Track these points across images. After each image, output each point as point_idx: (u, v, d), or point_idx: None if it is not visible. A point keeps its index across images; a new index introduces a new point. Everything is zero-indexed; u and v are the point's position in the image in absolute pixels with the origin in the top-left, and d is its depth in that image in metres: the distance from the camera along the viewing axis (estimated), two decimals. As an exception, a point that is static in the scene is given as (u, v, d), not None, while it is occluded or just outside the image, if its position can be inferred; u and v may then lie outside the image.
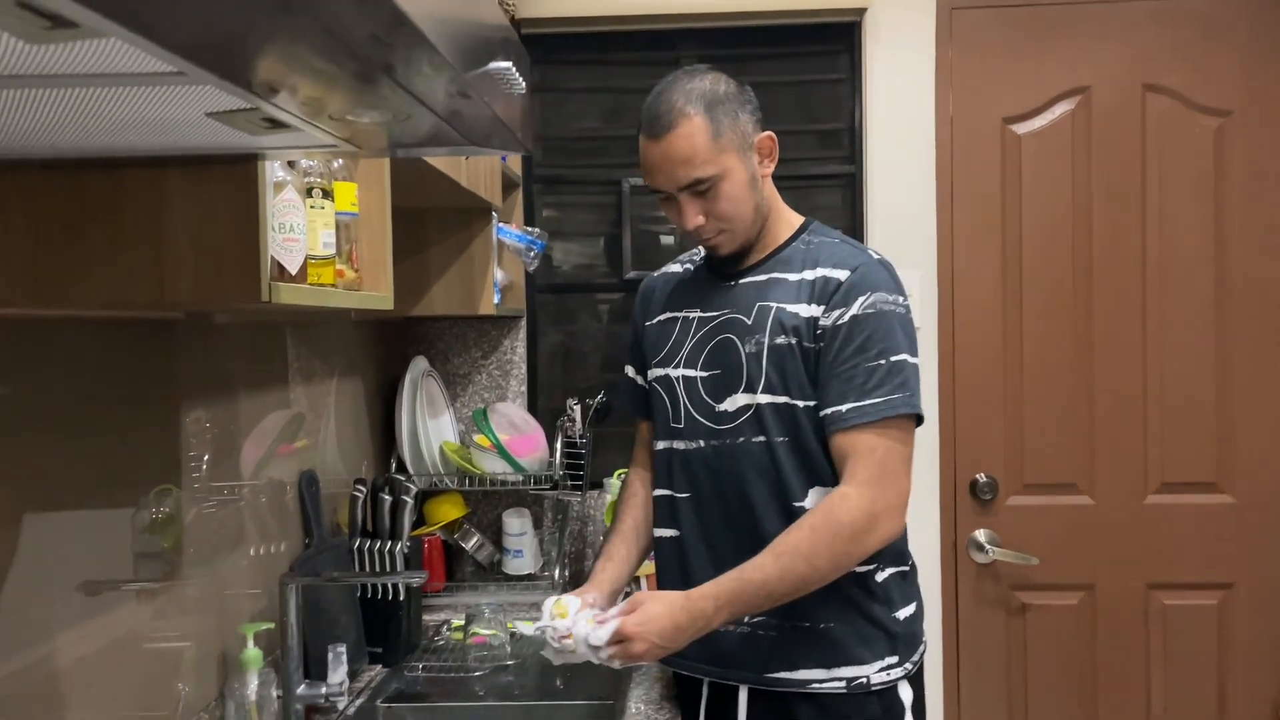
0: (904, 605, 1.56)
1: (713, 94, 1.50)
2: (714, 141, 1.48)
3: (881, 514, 1.42)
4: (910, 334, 1.49)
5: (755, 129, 1.54)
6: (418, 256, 2.23)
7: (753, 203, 1.53)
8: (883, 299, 1.47)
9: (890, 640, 1.52)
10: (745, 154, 1.51)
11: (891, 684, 1.53)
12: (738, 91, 1.54)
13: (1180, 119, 2.57)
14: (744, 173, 1.51)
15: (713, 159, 1.48)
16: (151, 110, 0.71)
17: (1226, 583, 2.60)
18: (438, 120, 0.78)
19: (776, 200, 1.62)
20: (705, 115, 1.48)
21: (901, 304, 1.49)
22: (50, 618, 1.17)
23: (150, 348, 1.37)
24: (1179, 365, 2.58)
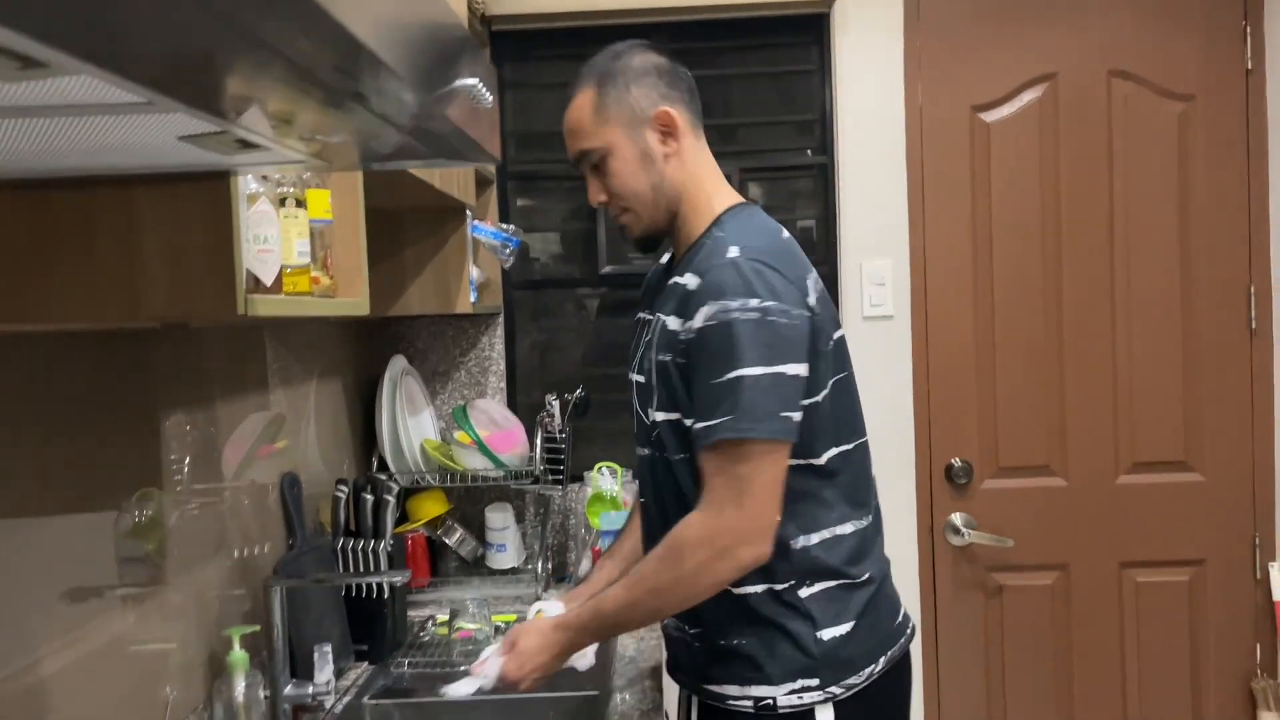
0: (833, 625, 1.40)
1: (611, 67, 1.45)
2: (596, 114, 1.44)
3: (726, 543, 1.32)
4: (761, 339, 1.30)
5: (652, 104, 1.43)
6: (394, 257, 2.24)
7: (647, 181, 1.44)
8: (724, 308, 1.31)
9: (808, 661, 1.39)
10: (634, 129, 1.43)
11: (804, 708, 1.39)
12: (643, 66, 1.45)
13: (1145, 104, 2.61)
14: (631, 149, 1.44)
15: (595, 132, 1.44)
16: (122, 135, 0.72)
17: (1197, 559, 2.66)
18: (405, 137, 0.80)
19: (695, 186, 1.47)
20: (595, 88, 1.45)
21: (752, 306, 1.30)
22: (35, 624, 1.18)
23: (127, 355, 1.38)
24: (1147, 347, 2.63)
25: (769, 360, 1.30)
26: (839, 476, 1.43)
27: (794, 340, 1.32)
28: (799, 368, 1.33)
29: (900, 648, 1.49)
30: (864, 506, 1.47)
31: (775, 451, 1.32)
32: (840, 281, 2.66)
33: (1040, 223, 2.63)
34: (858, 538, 1.44)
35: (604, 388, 2.64)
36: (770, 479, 1.33)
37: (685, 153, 1.46)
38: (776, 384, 1.30)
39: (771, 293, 1.31)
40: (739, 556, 1.33)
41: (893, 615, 1.50)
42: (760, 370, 1.29)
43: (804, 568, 1.40)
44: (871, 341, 2.63)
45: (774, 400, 1.30)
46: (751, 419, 1.29)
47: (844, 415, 1.44)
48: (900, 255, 2.64)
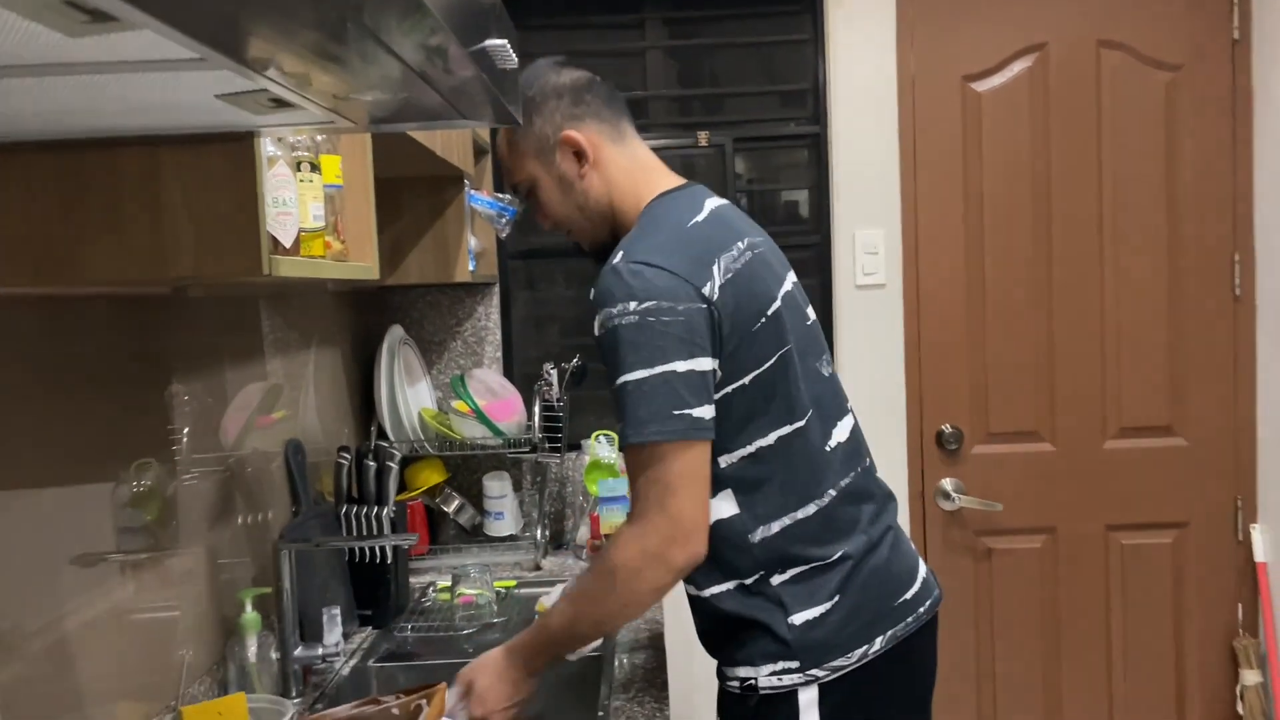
0: (805, 608, 1.37)
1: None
2: (512, 152, 1.48)
3: (655, 549, 1.30)
4: (641, 341, 1.27)
5: (557, 129, 1.44)
6: (392, 226, 2.25)
7: (571, 204, 1.46)
8: (607, 316, 1.29)
9: (783, 646, 1.37)
10: (545, 158, 1.45)
11: (785, 689, 1.37)
12: (544, 89, 1.45)
13: (1133, 73, 2.64)
14: (548, 178, 1.46)
15: (516, 168, 1.49)
16: (165, 94, 0.74)
17: (1181, 522, 2.71)
18: (439, 97, 0.82)
19: (622, 193, 1.46)
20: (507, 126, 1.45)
21: (631, 310, 1.27)
22: (59, 587, 1.20)
23: (125, 324, 1.38)
24: (1133, 315, 2.67)
25: (652, 361, 1.27)
26: (787, 460, 1.38)
27: (682, 336, 1.28)
28: (694, 362, 1.29)
29: (908, 626, 1.43)
30: (822, 485, 1.40)
31: (681, 450, 1.29)
32: (833, 250, 2.68)
33: (1030, 191, 2.66)
34: (821, 518, 1.39)
35: (600, 357, 2.65)
36: (685, 477, 1.29)
37: (604, 165, 1.46)
38: (665, 384, 1.27)
39: (650, 293, 1.28)
40: (671, 560, 1.30)
41: (891, 592, 1.43)
42: (644, 373, 1.27)
43: (769, 558, 1.38)
44: (864, 310, 2.66)
45: (660, 402, 1.27)
46: (641, 423, 1.28)
47: (785, 396, 1.38)
48: (892, 224, 2.66)
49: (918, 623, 1.45)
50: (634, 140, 1.50)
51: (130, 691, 1.35)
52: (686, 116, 2.75)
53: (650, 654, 1.85)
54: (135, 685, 1.37)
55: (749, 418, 1.36)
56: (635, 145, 1.49)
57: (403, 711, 1.26)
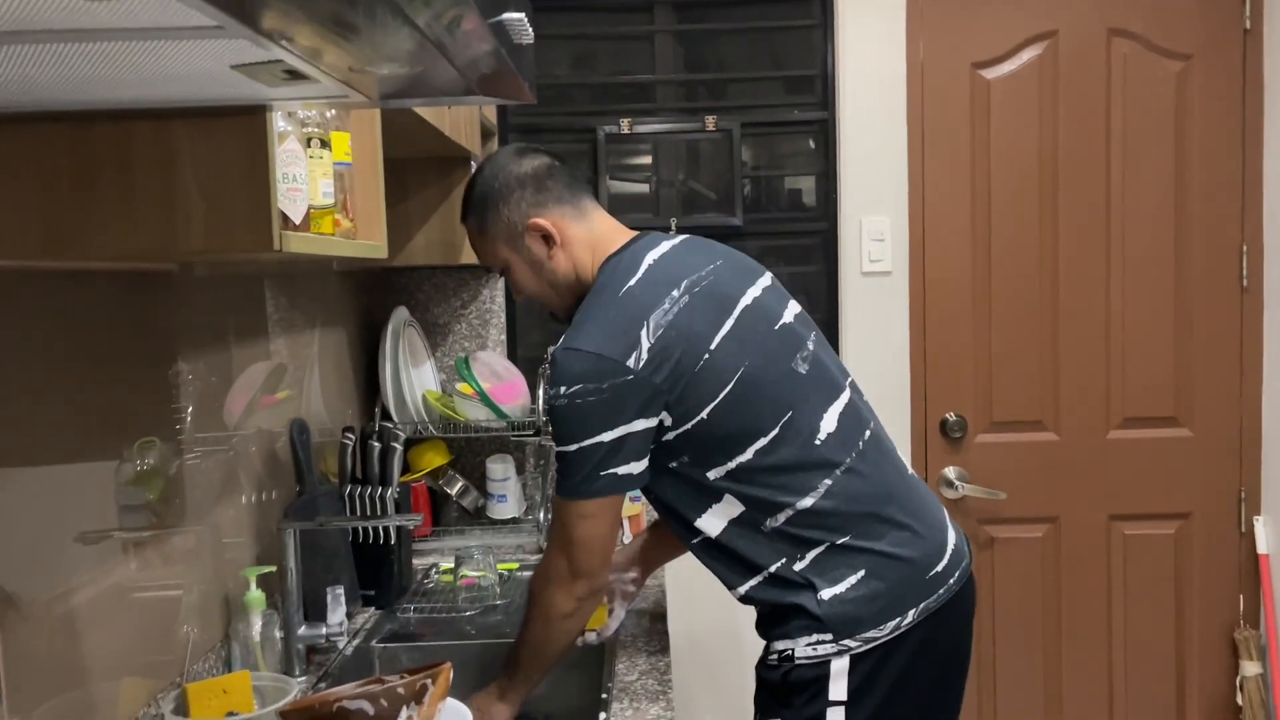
0: (832, 584, 1.44)
1: (483, 191, 1.56)
2: (482, 238, 1.58)
3: (555, 579, 1.50)
4: (569, 422, 1.42)
5: (523, 218, 1.53)
6: (398, 206, 2.24)
7: (544, 282, 1.57)
8: (550, 396, 1.46)
9: (814, 620, 1.44)
10: (515, 244, 1.55)
11: (819, 660, 1.45)
12: (508, 179, 1.54)
13: (1144, 63, 2.63)
14: (520, 260, 1.56)
15: (489, 252, 1.58)
16: (179, 64, 0.73)
17: (1184, 513, 2.71)
18: (454, 70, 0.81)
19: (585, 266, 1.55)
20: (475, 215, 1.57)
21: (561, 394, 1.42)
22: (56, 568, 1.20)
23: (130, 301, 1.37)
24: (1139, 304, 2.66)
25: (578, 437, 1.42)
26: (771, 466, 1.45)
27: (607, 412, 1.41)
28: (621, 428, 1.41)
29: (940, 598, 1.47)
30: (815, 477, 1.46)
31: (597, 505, 1.46)
32: (840, 237, 2.67)
33: (1038, 180, 2.65)
34: (823, 505, 1.45)
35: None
36: (591, 531, 1.47)
37: (569, 244, 1.55)
38: (590, 453, 1.42)
39: (575, 378, 1.41)
40: (572, 591, 1.49)
41: (923, 564, 1.48)
42: (573, 447, 1.43)
43: (785, 545, 1.46)
44: (869, 297, 2.65)
45: (590, 467, 1.43)
46: (567, 486, 1.45)
47: (749, 414, 1.45)
48: (899, 212, 2.65)
49: (948, 594, 1.49)
50: (594, 213, 1.59)
51: (135, 668, 1.35)
52: (693, 101, 2.74)
53: (652, 637, 1.85)
54: (140, 662, 1.37)
55: (721, 441, 1.46)
56: (595, 218, 1.58)
57: (408, 691, 1.27)
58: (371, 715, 1.24)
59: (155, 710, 1.35)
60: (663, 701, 1.56)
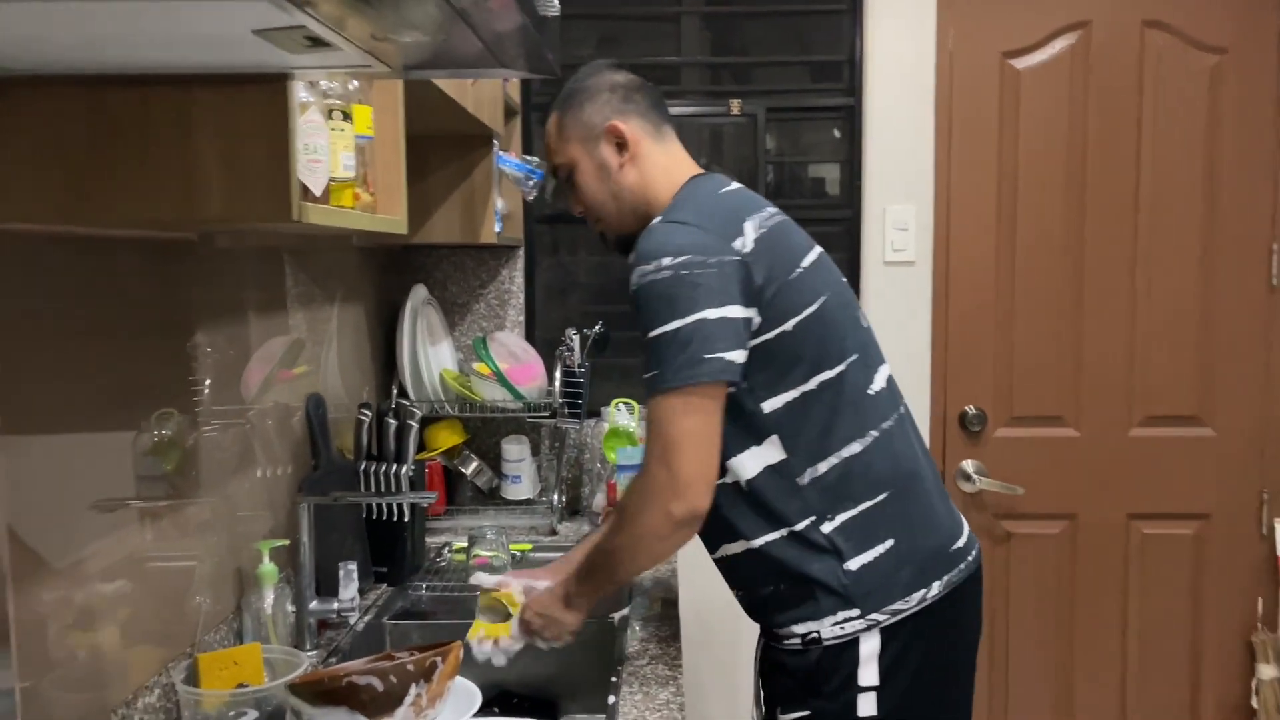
0: (858, 553, 1.41)
1: (570, 90, 1.57)
2: (559, 134, 1.57)
3: (652, 495, 1.36)
4: (674, 294, 1.34)
5: (604, 120, 1.53)
6: (419, 184, 2.23)
7: (607, 192, 1.55)
8: (640, 274, 1.37)
9: (838, 596, 1.41)
10: (589, 145, 1.54)
11: (848, 638, 1.42)
12: (599, 85, 1.55)
13: (1178, 55, 2.59)
14: (589, 163, 1.55)
15: (560, 150, 1.57)
16: (200, 25, 0.72)
17: (1204, 513, 2.68)
18: (477, 40, 0.80)
19: (657, 188, 1.53)
20: (558, 111, 1.57)
21: (664, 265, 1.34)
22: (72, 536, 1.20)
23: (150, 271, 1.36)
24: (1165, 301, 2.63)
25: (685, 311, 1.33)
26: (830, 403, 1.42)
27: (712, 287, 1.34)
28: (725, 310, 1.34)
29: (961, 573, 1.47)
30: (865, 425, 1.44)
31: (700, 397, 1.34)
32: (863, 226, 2.65)
33: (1066, 172, 2.62)
34: (867, 456, 1.43)
35: (623, 324, 2.64)
36: (695, 429, 1.35)
37: (642, 159, 1.54)
38: (698, 330, 1.33)
39: (683, 248, 1.35)
40: (671, 512, 1.35)
41: (946, 537, 1.48)
42: (677, 323, 1.33)
43: (819, 501, 1.42)
44: (891, 286, 2.63)
45: (693, 347, 1.33)
46: (669, 370, 1.33)
47: (823, 341, 1.43)
48: (924, 201, 2.63)
49: (968, 570, 1.50)
50: (672, 142, 1.59)
51: (148, 636, 1.35)
52: (718, 85, 2.72)
53: (664, 622, 1.84)
54: (152, 631, 1.37)
55: (792, 363, 1.41)
56: (672, 146, 1.58)
57: (418, 668, 1.26)
58: (380, 691, 1.24)
59: (166, 679, 1.36)
60: (673, 686, 1.55)
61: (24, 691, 1.08)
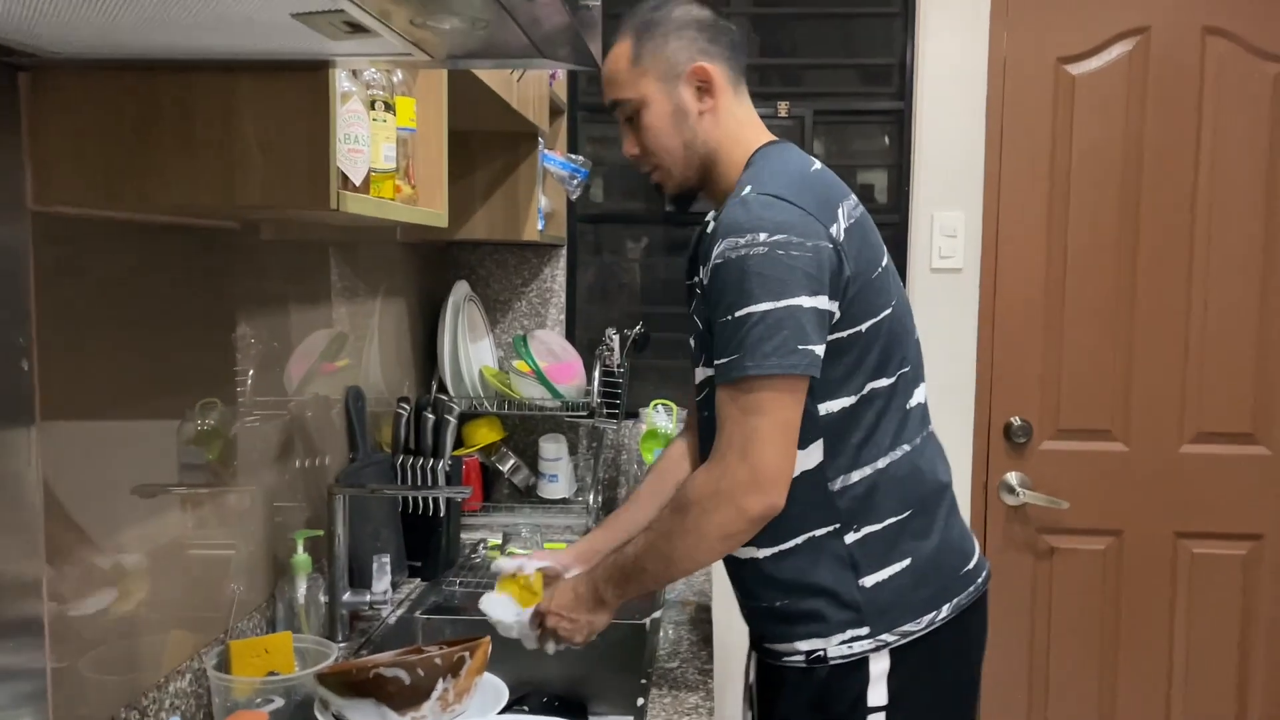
0: (876, 569, 1.37)
1: (650, 18, 1.42)
2: (633, 66, 1.41)
3: (731, 492, 1.27)
4: (769, 274, 1.25)
5: (689, 59, 1.40)
6: (463, 180, 2.24)
7: (679, 138, 1.41)
8: (731, 245, 1.27)
9: (851, 611, 1.37)
10: (669, 83, 1.40)
11: (856, 658, 1.37)
12: (684, 18, 1.41)
13: (1240, 64, 2.52)
14: (665, 103, 1.40)
15: (630, 83, 1.41)
16: (239, 7, 0.72)
17: (1256, 534, 2.61)
18: (517, 28, 0.79)
19: (731, 142, 1.43)
20: (632, 38, 1.41)
21: (760, 241, 1.25)
22: (114, 520, 1.21)
23: (196, 262, 1.38)
24: (1221, 316, 2.56)
25: (779, 294, 1.25)
26: (875, 413, 1.37)
27: (809, 273, 1.26)
28: (816, 300, 1.27)
29: (970, 595, 1.44)
30: (900, 440, 1.40)
31: (786, 389, 1.27)
32: (910, 231, 2.61)
33: (1120, 180, 2.56)
34: (897, 471, 1.38)
35: (663, 325, 2.63)
36: (780, 421, 1.27)
37: (721, 110, 1.42)
38: (790, 317, 1.25)
39: (781, 226, 1.26)
40: (747, 508, 1.27)
41: (959, 559, 1.45)
42: (769, 305, 1.24)
43: (846, 510, 1.37)
44: (938, 293, 2.59)
45: (785, 334, 1.24)
46: (758, 355, 1.25)
47: (887, 349, 1.38)
48: (973, 208, 2.58)
49: (977, 593, 1.46)
50: (746, 98, 1.48)
51: (183, 621, 1.37)
52: (767, 86, 2.69)
53: (695, 626, 1.82)
54: (187, 616, 1.38)
55: (855, 366, 1.35)
56: (747, 102, 1.48)
57: (445, 662, 1.26)
58: (408, 684, 1.23)
59: (198, 664, 1.37)
60: (702, 691, 1.54)
61: (56, 671, 1.09)
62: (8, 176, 0.99)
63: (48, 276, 1.05)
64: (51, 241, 1.06)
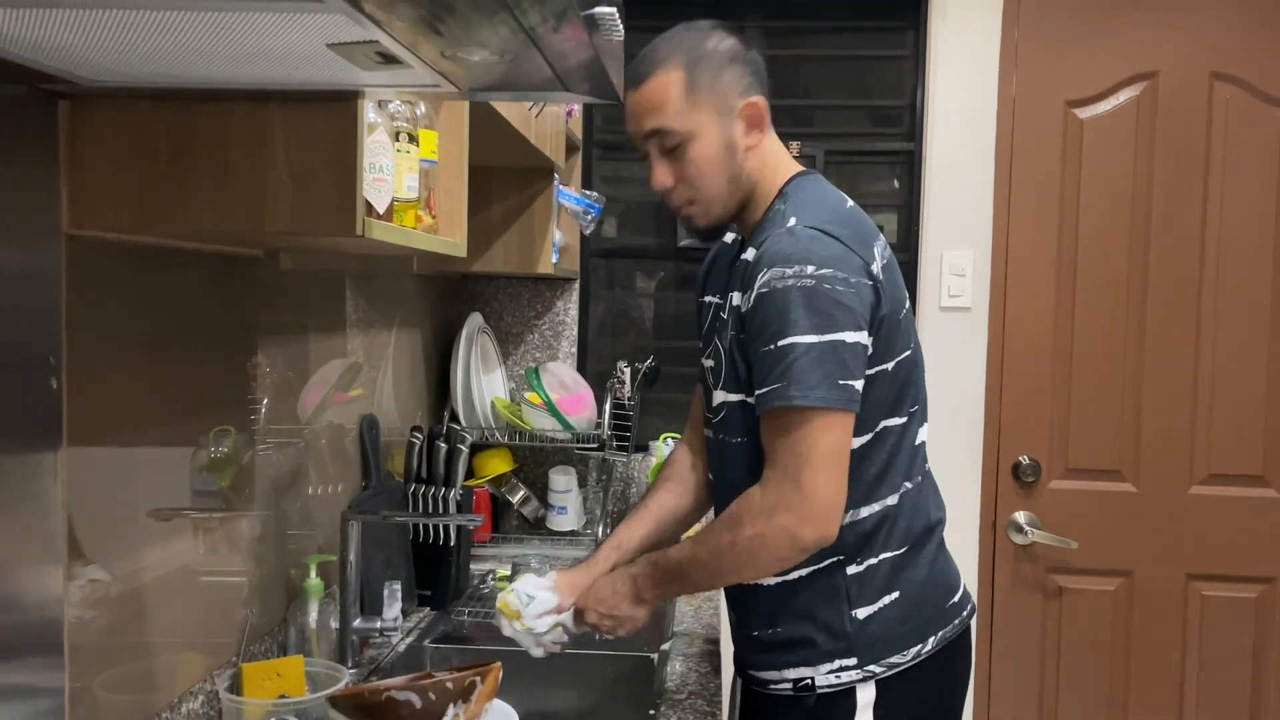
0: (868, 602, 1.39)
1: (699, 49, 1.38)
2: (688, 97, 1.37)
3: (784, 521, 1.28)
4: (815, 307, 1.26)
5: (742, 94, 1.39)
6: (481, 213, 2.27)
7: (726, 173, 1.40)
8: (778, 275, 1.28)
9: (841, 641, 1.39)
10: (723, 117, 1.38)
11: (843, 687, 1.39)
12: (731, 51, 1.40)
13: (1248, 109, 2.55)
14: (718, 138, 1.38)
15: (683, 113, 1.37)
16: (278, 39, 0.75)
17: (1268, 577, 2.60)
18: (543, 60, 0.82)
19: (770, 174, 1.44)
20: (684, 69, 1.37)
21: (808, 274, 1.26)
22: (129, 543, 1.22)
23: (215, 292, 1.40)
24: (1231, 357, 2.57)
25: (823, 328, 1.26)
26: (888, 448, 1.40)
27: (852, 308, 1.28)
28: (858, 335, 1.29)
29: (955, 628, 1.46)
30: (906, 478, 1.43)
31: (833, 421, 1.28)
32: (919, 270, 2.64)
33: (1130, 222, 2.59)
34: (901, 509, 1.41)
35: (674, 359, 2.65)
36: (831, 451, 1.28)
37: (763, 145, 1.43)
38: (833, 351, 1.27)
39: (827, 260, 1.28)
40: (801, 536, 1.29)
41: (945, 593, 1.46)
42: (814, 338, 1.26)
43: (851, 544, 1.39)
44: (947, 332, 2.61)
45: (829, 368, 1.26)
46: (804, 386, 1.26)
47: (904, 387, 1.40)
48: (982, 247, 2.61)
49: (961, 625, 1.48)
50: (772, 131, 1.49)
51: (196, 644, 1.38)
52: (778, 126, 2.72)
53: (704, 659, 1.82)
54: (200, 639, 1.39)
55: (880, 403, 1.37)
56: (774, 135, 1.49)
57: (456, 686, 1.27)
58: (419, 708, 1.24)
59: (210, 686, 1.37)
60: (711, 722, 1.54)
61: (74, 691, 1.10)
62: (45, 200, 1.02)
63: (78, 299, 1.08)
64: (83, 265, 1.08)
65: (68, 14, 0.70)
